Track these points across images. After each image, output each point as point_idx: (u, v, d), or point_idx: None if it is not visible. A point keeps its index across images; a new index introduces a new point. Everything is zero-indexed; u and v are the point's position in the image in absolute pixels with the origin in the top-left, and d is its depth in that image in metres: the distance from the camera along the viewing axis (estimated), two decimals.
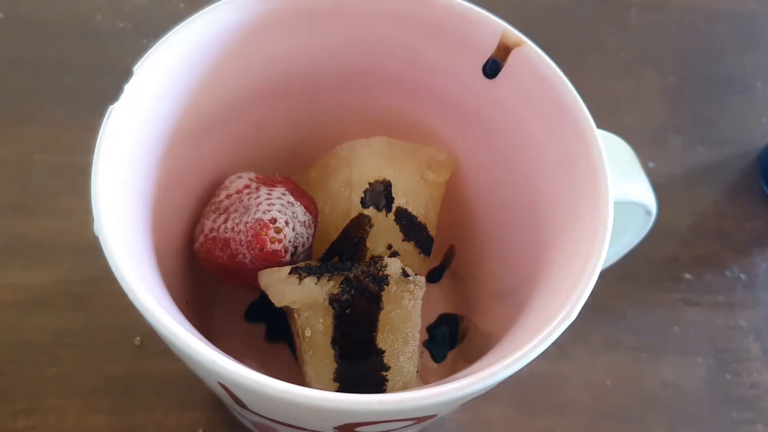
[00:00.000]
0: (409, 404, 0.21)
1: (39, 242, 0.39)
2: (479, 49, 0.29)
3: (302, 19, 0.30)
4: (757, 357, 0.41)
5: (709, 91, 0.51)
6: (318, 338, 0.28)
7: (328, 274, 0.28)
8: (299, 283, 0.27)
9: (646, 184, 0.30)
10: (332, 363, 0.28)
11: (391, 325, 0.28)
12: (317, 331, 0.28)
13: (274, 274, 0.28)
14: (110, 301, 0.37)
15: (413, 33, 0.30)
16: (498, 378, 0.22)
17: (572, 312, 0.23)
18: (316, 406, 0.21)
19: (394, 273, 0.28)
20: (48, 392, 0.35)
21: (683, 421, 0.39)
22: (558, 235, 0.28)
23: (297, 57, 0.31)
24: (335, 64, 0.32)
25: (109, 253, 0.22)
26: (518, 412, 0.38)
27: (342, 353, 0.28)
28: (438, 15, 0.29)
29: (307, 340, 0.28)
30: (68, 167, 0.41)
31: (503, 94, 0.30)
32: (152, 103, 0.27)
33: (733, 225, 0.45)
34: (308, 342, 0.28)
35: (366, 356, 0.28)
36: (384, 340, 0.28)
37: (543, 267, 0.28)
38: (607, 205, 0.25)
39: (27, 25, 0.47)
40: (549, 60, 0.28)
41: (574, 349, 0.40)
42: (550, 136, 0.28)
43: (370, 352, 0.28)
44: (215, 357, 0.21)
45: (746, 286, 0.43)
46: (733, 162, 0.48)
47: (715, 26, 0.53)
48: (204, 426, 0.36)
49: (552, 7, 0.53)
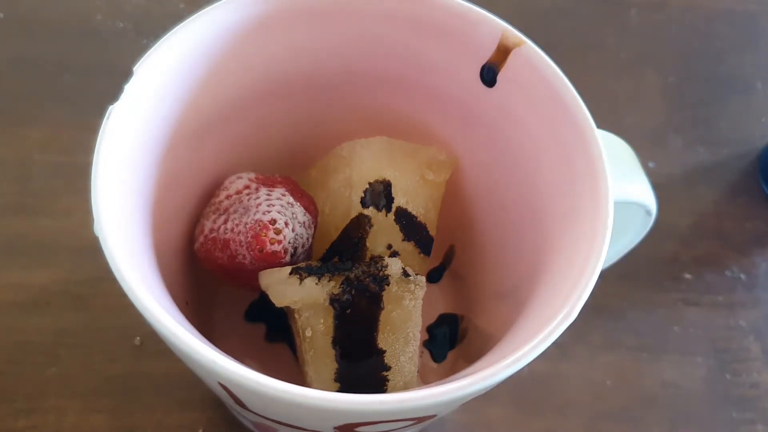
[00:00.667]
0: (409, 404, 0.21)
1: (39, 242, 0.39)
2: (479, 49, 0.29)
3: (302, 19, 0.30)
4: (757, 357, 0.41)
5: (709, 91, 0.51)
6: (319, 338, 0.28)
7: (329, 274, 0.28)
8: (300, 284, 0.27)
9: (646, 184, 0.30)
10: (333, 363, 0.28)
11: (391, 325, 0.28)
12: (318, 332, 0.28)
13: (274, 274, 0.28)
14: (110, 301, 0.37)
15: (413, 33, 0.30)
16: (498, 378, 0.22)
17: (572, 312, 0.23)
18: (316, 406, 0.21)
19: (395, 273, 0.28)
20: (48, 392, 0.35)
21: (683, 421, 0.39)
22: (558, 235, 0.28)
23: (297, 57, 0.31)
24: (335, 64, 0.32)
25: (109, 253, 0.22)
26: (518, 412, 0.38)
27: (343, 353, 0.28)
28: (438, 15, 0.29)
29: (307, 341, 0.28)
30: (68, 167, 0.41)
31: (503, 95, 0.30)
32: (152, 103, 0.27)
33: (733, 225, 0.45)
34: (309, 342, 0.28)
35: (367, 356, 0.28)
36: (385, 340, 0.28)
37: (543, 267, 0.28)
38: (607, 205, 0.25)
39: (27, 25, 0.47)
40: (549, 60, 0.28)
41: (574, 349, 0.40)
42: (550, 136, 0.28)
43: (371, 352, 0.28)
44: (215, 357, 0.21)
45: (746, 286, 0.43)
46: (733, 162, 0.48)
47: (715, 26, 0.53)
48: (204, 426, 0.36)
49: (552, 7, 0.53)
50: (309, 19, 0.30)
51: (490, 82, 0.30)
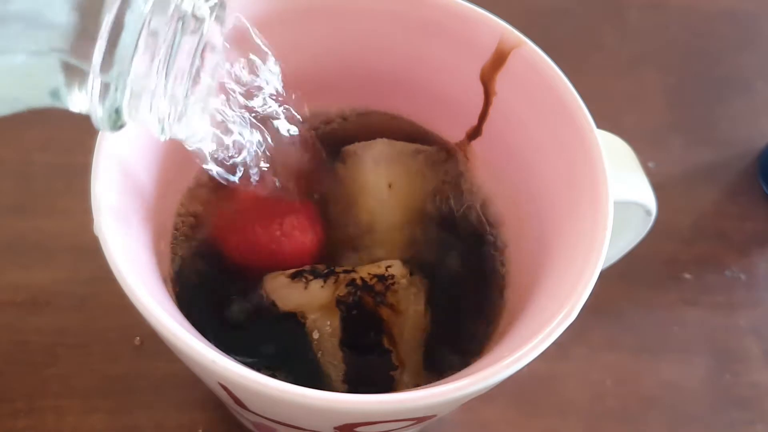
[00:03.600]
0: (409, 404, 0.21)
1: (39, 242, 0.39)
2: (479, 49, 0.29)
3: (302, 18, 0.30)
4: (757, 357, 0.41)
5: (709, 91, 0.50)
6: (326, 341, 0.28)
7: (334, 277, 0.28)
8: (305, 288, 0.27)
9: (646, 184, 0.30)
10: (341, 365, 0.28)
11: (398, 325, 0.28)
12: (325, 334, 0.28)
13: (278, 278, 0.28)
14: (110, 301, 0.37)
15: (413, 33, 0.30)
16: (498, 378, 0.22)
17: (572, 312, 0.23)
18: (315, 406, 0.21)
19: (400, 273, 0.28)
20: (47, 392, 0.35)
21: (683, 421, 0.39)
22: (558, 235, 0.28)
23: (297, 55, 0.31)
24: (335, 64, 0.32)
25: (109, 253, 0.22)
26: (518, 412, 0.38)
27: (350, 354, 0.28)
28: (438, 15, 0.29)
29: (315, 343, 0.28)
30: (68, 167, 0.41)
31: (503, 95, 0.30)
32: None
33: (733, 225, 0.45)
34: (316, 345, 0.28)
35: (374, 356, 0.28)
36: (391, 340, 0.28)
37: (543, 267, 0.28)
38: (607, 205, 0.25)
39: None
40: (549, 60, 0.28)
41: (574, 349, 0.39)
42: (550, 136, 0.28)
43: (379, 352, 0.28)
44: (215, 357, 0.21)
45: (746, 286, 0.43)
46: (733, 162, 0.48)
47: (715, 26, 0.53)
48: (204, 426, 0.36)
49: (552, 7, 0.53)
50: (309, 19, 0.30)
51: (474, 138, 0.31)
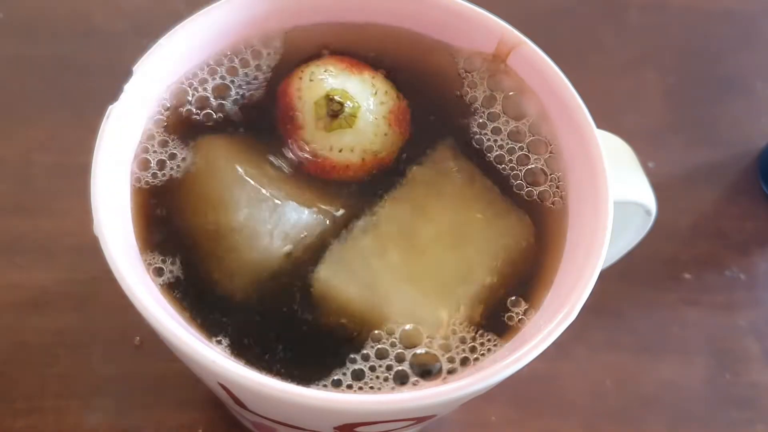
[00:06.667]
0: (409, 404, 0.21)
1: (39, 242, 0.39)
2: (479, 49, 0.29)
3: (302, 18, 0.30)
4: (757, 357, 0.41)
5: (709, 91, 0.50)
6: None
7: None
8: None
9: (646, 184, 0.30)
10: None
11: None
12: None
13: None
14: (110, 301, 0.37)
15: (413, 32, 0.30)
16: (498, 378, 0.22)
17: (572, 312, 0.23)
18: (315, 406, 0.21)
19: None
20: (47, 392, 0.35)
21: (683, 421, 0.39)
22: (558, 235, 0.27)
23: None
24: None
25: (109, 253, 0.22)
26: (518, 412, 0.38)
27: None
28: (438, 15, 0.29)
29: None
30: (68, 167, 0.41)
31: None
32: (152, 102, 0.27)
33: (733, 225, 0.45)
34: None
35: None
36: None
37: (543, 267, 0.28)
38: (607, 205, 0.25)
39: (27, 25, 0.47)
40: (549, 60, 0.28)
41: (574, 349, 0.39)
42: (550, 136, 0.28)
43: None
44: (215, 357, 0.21)
45: (746, 286, 0.43)
46: (733, 162, 0.48)
47: (715, 26, 0.53)
48: (204, 426, 0.36)
49: (552, 7, 0.52)
50: (308, 18, 0.30)
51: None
